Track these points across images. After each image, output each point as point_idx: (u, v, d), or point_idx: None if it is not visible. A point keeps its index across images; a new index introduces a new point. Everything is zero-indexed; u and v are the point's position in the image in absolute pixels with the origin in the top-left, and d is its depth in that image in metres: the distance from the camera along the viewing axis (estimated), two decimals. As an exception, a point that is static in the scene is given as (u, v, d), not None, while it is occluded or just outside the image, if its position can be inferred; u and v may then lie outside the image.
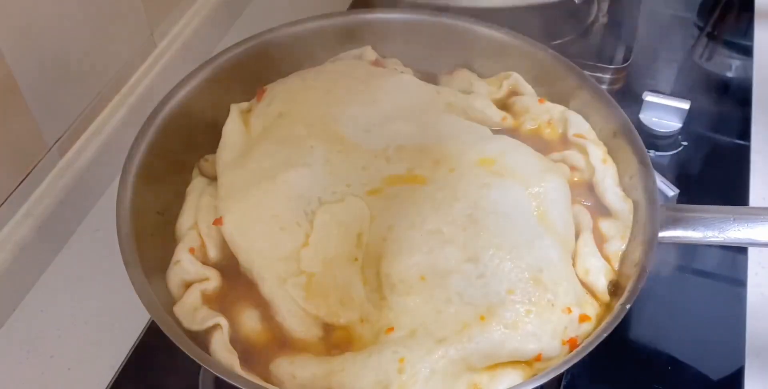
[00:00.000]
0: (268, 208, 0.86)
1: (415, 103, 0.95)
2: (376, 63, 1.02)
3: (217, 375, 0.73)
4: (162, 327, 0.75)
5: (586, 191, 0.92)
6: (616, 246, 0.86)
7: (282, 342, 0.81)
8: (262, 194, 0.86)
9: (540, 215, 0.85)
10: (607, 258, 0.86)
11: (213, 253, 0.87)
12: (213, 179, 0.94)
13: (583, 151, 0.93)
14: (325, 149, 0.90)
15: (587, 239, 0.86)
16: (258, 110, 0.97)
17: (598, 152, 0.92)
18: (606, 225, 0.88)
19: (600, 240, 0.87)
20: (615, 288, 0.84)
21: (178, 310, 0.82)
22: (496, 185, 0.86)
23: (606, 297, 0.83)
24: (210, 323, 0.80)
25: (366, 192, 0.88)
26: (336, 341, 0.80)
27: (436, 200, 0.85)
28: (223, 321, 0.80)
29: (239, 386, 0.72)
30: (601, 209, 0.90)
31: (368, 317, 0.80)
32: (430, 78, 1.05)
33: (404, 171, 0.90)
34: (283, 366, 0.78)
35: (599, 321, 0.81)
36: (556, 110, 0.98)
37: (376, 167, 0.89)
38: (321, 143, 0.91)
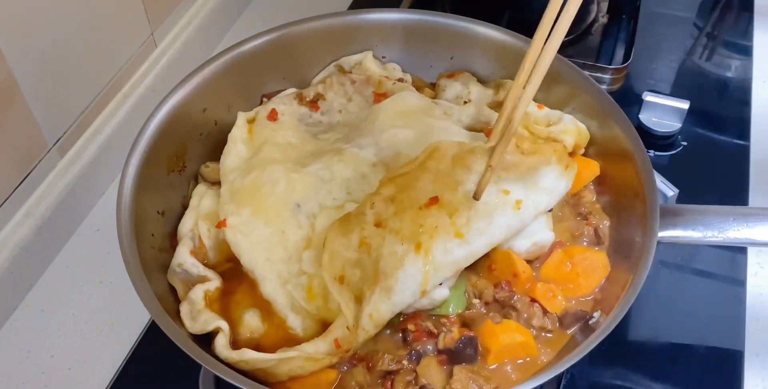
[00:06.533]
0: (270, 211, 0.87)
1: (412, 112, 0.95)
2: (378, 98, 1.02)
3: (217, 374, 0.73)
4: (162, 327, 0.75)
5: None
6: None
7: (283, 342, 0.81)
8: (265, 199, 0.87)
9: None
10: None
11: (213, 254, 0.88)
12: (213, 183, 0.95)
13: None
14: (326, 158, 0.91)
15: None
16: (261, 121, 0.98)
17: None
18: None
19: None
20: (611, 288, 0.84)
21: (182, 312, 0.83)
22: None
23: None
24: (211, 326, 0.81)
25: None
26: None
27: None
28: (223, 324, 0.81)
29: (239, 386, 0.72)
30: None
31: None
32: (430, 85, 1.07)
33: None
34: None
35: None
36: (554, 114, 0.98)
37: (375, 175, 0.90)
38: (322, 152, 0.92)
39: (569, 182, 0.90)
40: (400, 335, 0.83)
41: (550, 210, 0.90)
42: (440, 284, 0.81)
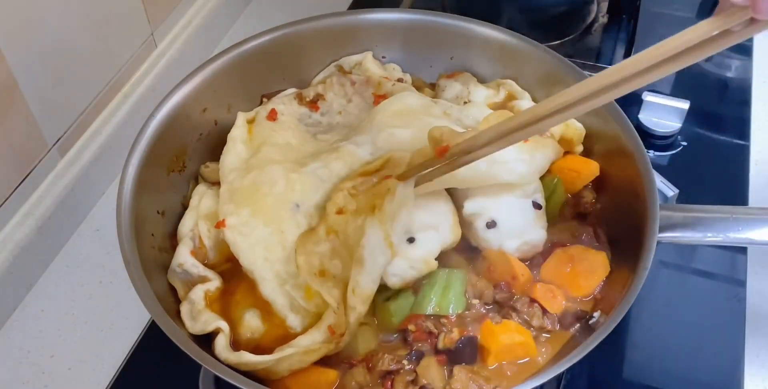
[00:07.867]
0: (269, 211, 0.87)
1: (411, 112, 0.95)
2: (378, 99, 1.02)
3: (217, 374, 0.73)
4: (162, 327, 0.75)
5: None
6: None
7: (284, 341, 0.81)
8: (264, 199, 0.87)
9: None
10: None
11: (213, 254, 0.88)
12: (213, 183, 0.95)
13: None
14: (323, 156, 0.91)
15: None
16: (261, 121, 0.98)
17: None
18: None
19: None
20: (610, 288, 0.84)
21: (182, 312, 0.83)
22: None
23: None
24: (211, 327, 0.81)
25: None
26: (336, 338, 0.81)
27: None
28: (224, 325, 0.81)
29: (239, 386, 0.72)
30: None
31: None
32: (430, 85, 1.07)
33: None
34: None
35: None
36: None
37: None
38: (321, 152, 0.93)
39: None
40: (400, 335, 0.83)
41: (541, 208, 0.90)
42: (411, 241, 0.83)
